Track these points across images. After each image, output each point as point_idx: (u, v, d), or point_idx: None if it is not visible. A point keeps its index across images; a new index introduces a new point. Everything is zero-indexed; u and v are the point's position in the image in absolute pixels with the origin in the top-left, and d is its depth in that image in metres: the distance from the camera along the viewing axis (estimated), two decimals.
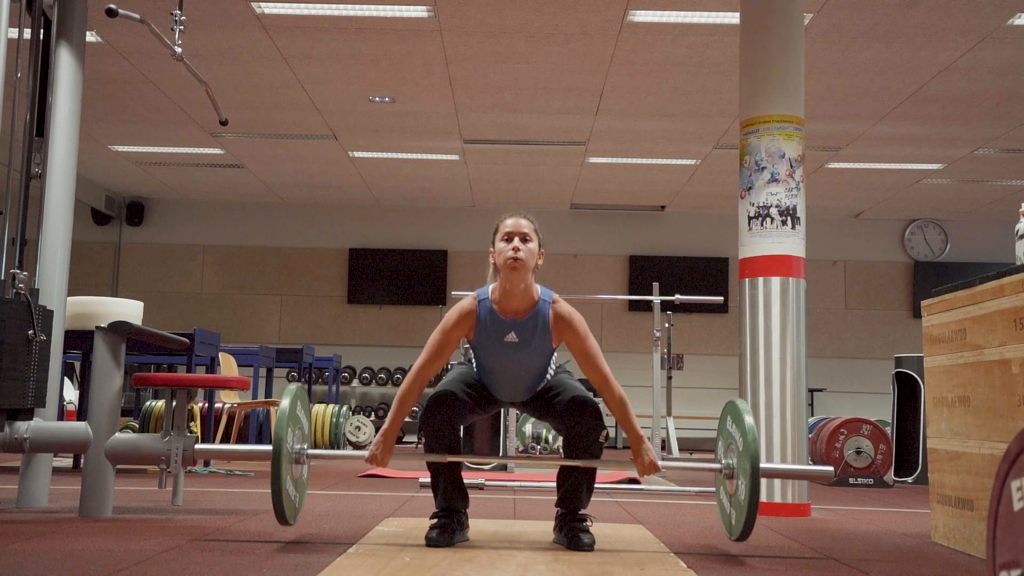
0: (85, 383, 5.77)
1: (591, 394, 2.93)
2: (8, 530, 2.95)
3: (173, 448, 3.44)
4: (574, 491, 2.90)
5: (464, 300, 2.91)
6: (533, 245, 2.85)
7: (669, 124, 8.19)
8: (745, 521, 2.77)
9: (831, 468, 3.07)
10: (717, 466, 2.98)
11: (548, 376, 3.00)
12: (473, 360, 3.01)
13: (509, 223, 2.87)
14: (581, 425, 2.86)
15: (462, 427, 2.92)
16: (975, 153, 8.76)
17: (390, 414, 2.89)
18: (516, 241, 2.82)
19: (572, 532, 2.84)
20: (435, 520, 2.87)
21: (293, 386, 2.89)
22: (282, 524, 2.84)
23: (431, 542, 2.78)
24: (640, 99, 7.57)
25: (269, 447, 2.79)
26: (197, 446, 3.17)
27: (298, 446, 2.88)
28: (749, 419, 2.80)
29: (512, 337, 2.85)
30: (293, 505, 2.88)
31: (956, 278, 9.03)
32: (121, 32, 6.31)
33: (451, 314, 2.88)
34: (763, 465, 2.81)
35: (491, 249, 2.90)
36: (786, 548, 3.05)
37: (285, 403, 2.81)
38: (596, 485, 2.98)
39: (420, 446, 8.99)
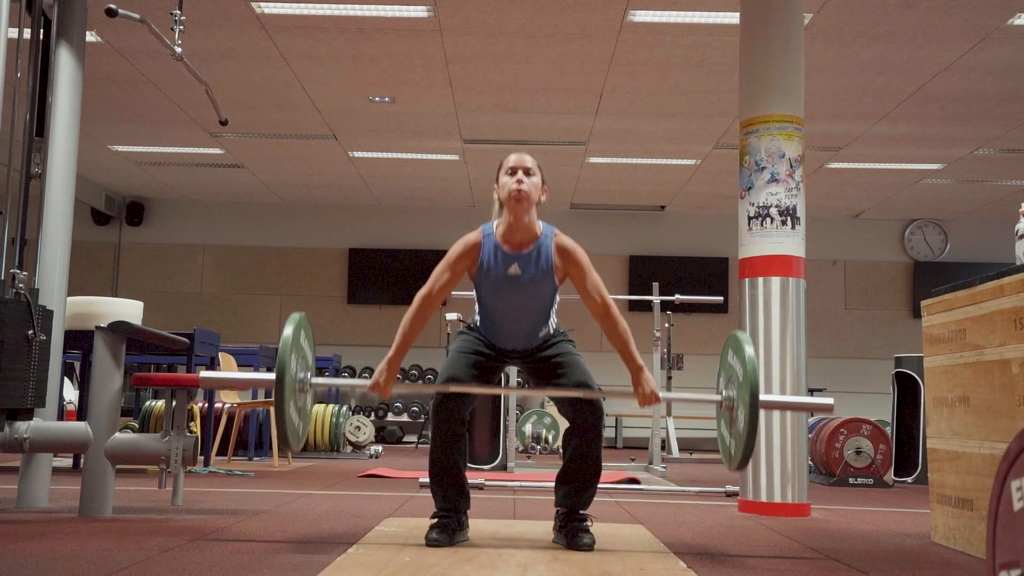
0: (85, 383, 5.77)
1: (592, 383, 2.93)
2: (8, 530, 2.95)
3: (173, 448, 3.45)
4: (577, 491, 2.89)
5: (470, 233, 2.97)
6: (536, 180, 2.92)
7: (669, 124, 8.19)
8: (744, 450, 2.79)
9: (831, 401, 3.06)
10: (717, 398, 3.01)
11: (551, 325, 2.99)
12: (476, 308, 3.02)
13: (513, 158, 2.95)
14: (584, 422, 2.87)
15: (469, 413, 2.93)
16: (975, 153, 8.76)
17: (393, 345, 2.92)
18: (520, 175, 2.88)
19: (572, 532, 2.84)
20: (435, 520, 2.86)
21: (297, 314, 2.89)
22: (286, 450, 2.85)
23: (431, 542, 2.78)
24: (640, 99, 7.57)
25: (272, 374, 2.78)
26: (203, 373, 3.07)
27: (301, 374, 2.89)
28: (749, 350, 2.82)
29: (515, 270, 2.89)
30: (297, 432, 2.88)
31: (956, 278, 9.03)
32: (121, 32, 6.31)
33: (456, 246, 2.95)
34: (763, 397, 2.83)
35: (495, 185, 2.97)
36: (786, 548, 3.05)
37: (288, 330, 2.80)
38: (598, 486, 2.98)
39: (419, 446, 8.93)
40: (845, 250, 11.60)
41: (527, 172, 2.90)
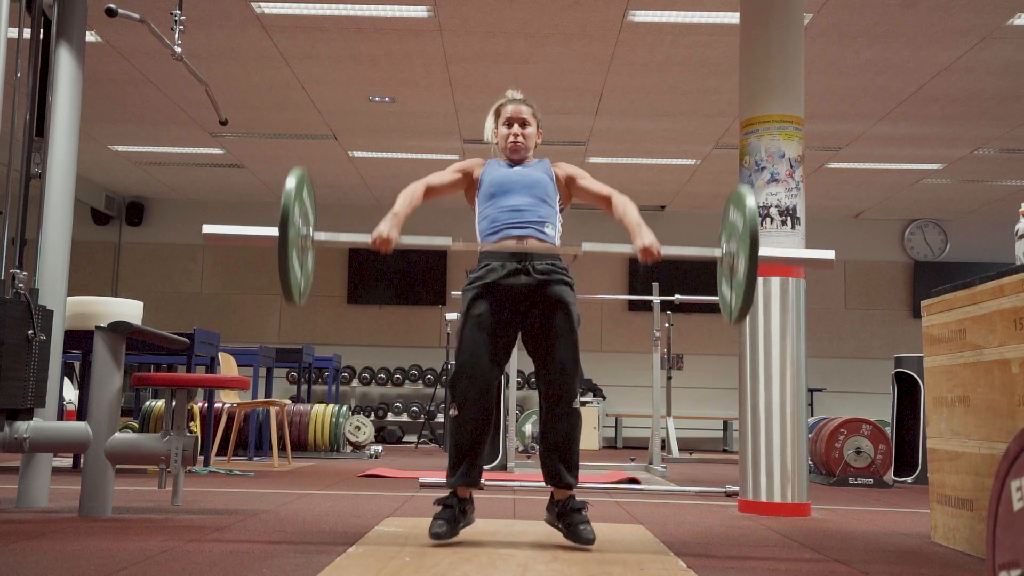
0: (85, 383, 5.77)
1: (577, 366, 2.92)
2: (8, 530, 2.95)
3: (173, 448, 3.45)
4: (555, 466, 2.89)
5: None
6: (531, 129, 3.09)
7: (669, 124, 8.19)
8: (744, 298, 2.85)
9: (831, 254, 3.10)
10: (718, 253, 3.10)
11: (556, 227, 2.99)
12: (478, 219, 3.04)
13: (509, 109, 3.09)
14: (558, 419, 2.89)
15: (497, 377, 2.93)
16: (975, 153, 8.76)
17: (395, 207, 2.99)
18: (516, 127, 3.06)
19: (573, 524, 2.84)
20: (441, 508, 2.87)
21: (299, 169, 2.94)
22: (289, 302, 2.89)
23: (435, 535, 2.78)
24: (640, 99, 7.57)
25: (275, 229, 2.81)
26: (207, 228, 3.04)
27: (304, 230, 2.94)
28: (751, 201, 2.90)
29: (517, 169, 3.06)
30: (299, 286, 2.92)
31: (956, 278, 9.02)
32: (121, 32, 6.31)
33: (463, 160, 3.14)
34: (763, 252, 2.87)
35: (494, 129, 3.12)
36: (786, 548, 3.05)
37: (291, 182, 2.83)
38: (597, 486, 2.98)
39: (419, 446, 8.91)
40: (845, 250, 11.59)
41: (523, 123, 3.07)
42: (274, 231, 2.82)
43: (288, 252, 2.78)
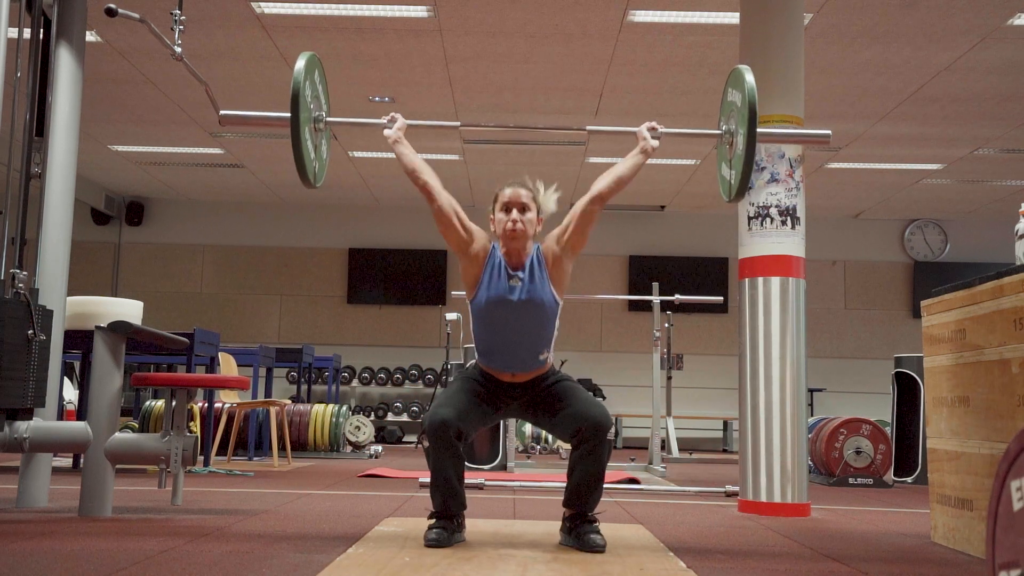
0: (85, 383, 5.77)
1: (602, 407, 2.88)
2: (8, 530, 2.95)
3: (173, 448, 3.45)
4: (585, 493, 2.86)
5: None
6: (531, 215, 2.97)
7: (669, 124, 8.11)
8: (742, 173, 2.91)
9: (828, 131, 3.19)
10: (718, 132, 3.13)
11: (551, 352, 2.96)
12: (474, 337, 2.98)
13: (508, 193, 2.96)
14: (592, 443, 2.81)
15: (469, 436, 2.87)
16: (975, 153, 8.76)
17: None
18: (515, 213, 2.92)
19: (583, 533, 2.82)
20: (433, 520, 2.86)
21: (307, 52, 2.95)
22: (305, 184, 2.95)
23: (430, 543, 2.78)
24: (640, 99, 7.57)
25: (288, 113, 2.86)
26: (223, 112, 3.17)
27: (316, 112, 2.99)
28: (749, 77, 2.92)
29: (516, 281, 2.93)
30: (313, 166, 2.98)
31: (956, 278, 9.03)
32: (121, 32, 6.31)
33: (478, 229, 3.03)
34: (760, 129, 2.92)
35: (491, 216, 3.00)
36: (786, 548, 3.05)
37: (301, 63, 2.88)
38: None
39: (419, 446, 8.97)
40: (845, 250, 11.60)
41: (522, 209, 2.94)
42: (287, 114, 2.90)
43: (300, 131, 2.85)
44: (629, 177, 3.12)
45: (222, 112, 3.11)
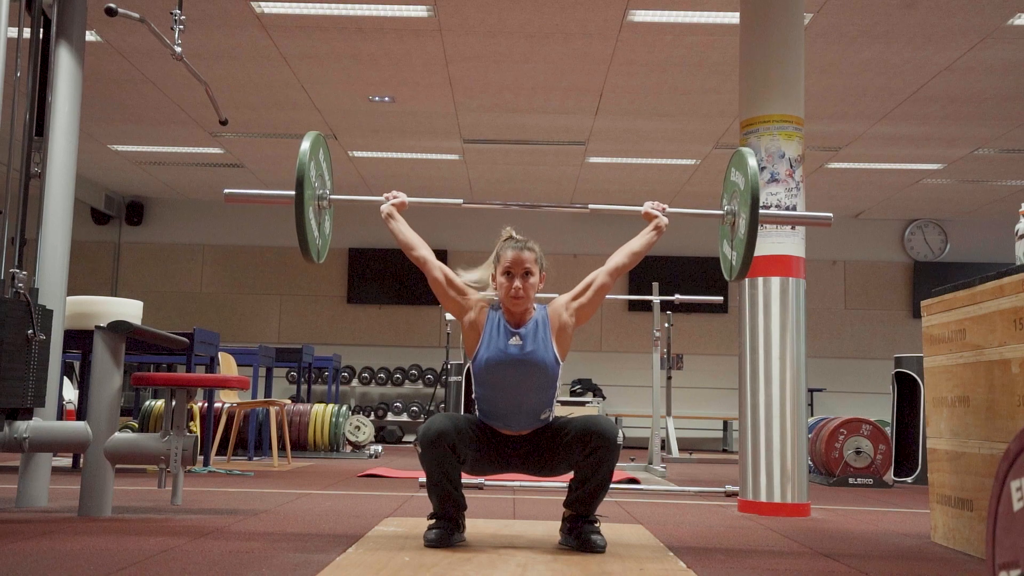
0: (84, 383, 5.77)
1: (606, 419, 2.85)
2: (7, 530, 2.94)
3: (172, 448, 3.45)
4: (589, 498, 2.84)
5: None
6: (534, 279, 2.92)
7: (669, 124, 8.19)
8: (743, 257, 2.96)
9: (829, 214, 3.23)
10: (720, 212, 3.17)
11: (553, 410, 2.96)
12: (476, 396, 2.95)
13: (510, 257, 2.90)
14: (603, 451, 2.78)
15: (463, 457, 2.83)
16: (975, 153, 8.76)
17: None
18: (518, 281, 2.88)
19: (584, 534, 2.82)
20: (433, 521, 2.86)
21: (313, 133, 3.03)
22: (307, 260, 3.02)
23: (430, 543, 2.77)
24: (640, 99, 7.56)
25: (292, 192, 2.92)
26: (228, 190, 3.19)
27: (320, 191, 3.06)
28: (752, 161, 2.96)
29: (516, 341, 2.89)
30: (316, 243, 3.04)
31: (956, 278, 9.04)
32: (121, 32, 6.31)
33: (475, 293, 3.01)
34: (763, 211, 2.99)
35: (493, 274, 2.97)
36: (786, 548, 3.05)
37: (306, 144, 2.95)
38: None
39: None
40: (845, 250, 11.60)
41: (525, 274, 2.89)
42: (291, 192, 2.95)
43: (304, 210, 2.90)
44: (643, 253, 3.18)
45: (226, 191, 3.19)
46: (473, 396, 2.98)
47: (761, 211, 2.97)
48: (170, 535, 2.89)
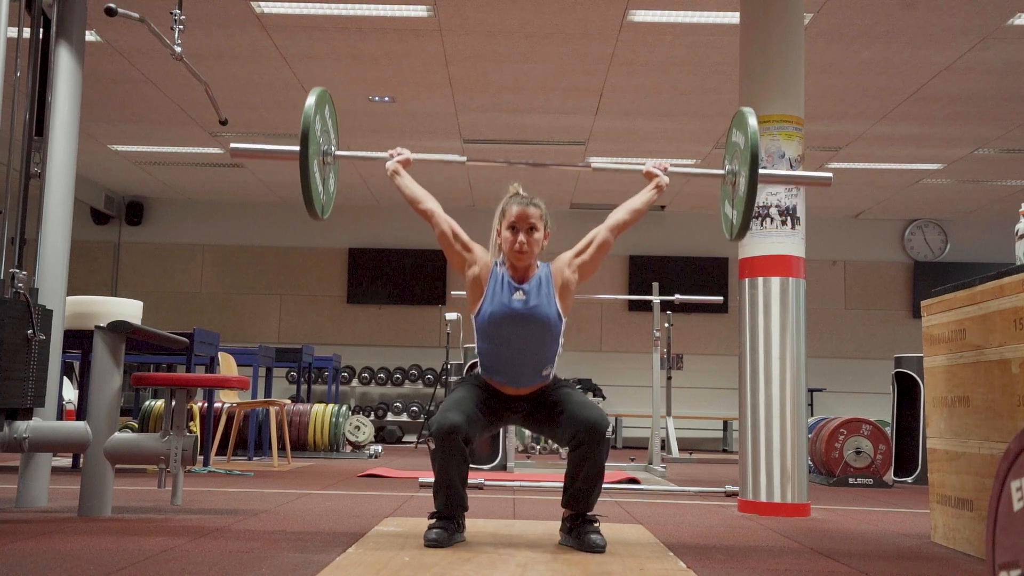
0: (84, 383, 5.77)
1: (598, 409, 2.88)
2: (7, 529, 2.94)
3: (172, 448, 3.44)
4: (584, 494, 2.86)
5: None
6: (539, 235, 2.95)
7: (669, 124, 8.19)
8: (744, 214, 2.99)
9: (830, 174, 3.29)
10: (721, 172, 3.19)
11: (555, 365, 2.96)
12: (478, 350, 2.97)
13: (515, 212, 2.93)
14: (590, 445, 2.81)
15: (474, 441, 2.86)
16: (975, 153, 8.76)
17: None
18: (522, 236, 2.90)
19: (583, 533, 2.82)
20: (434, 520, 2.86)
21: (318, 88, 3.03)
22: (312, 216, 3.01)
23: (430, 543, 2.77)
24: (640, 99, 7.56)
25: (297, 147, 2.92)
26: (235, 144, 3.17)
27: (325, 146, 3.05)
28: (753, 120, 2.99)
29: (520, 295, 2.92)
30: (321, 199, 3.04)
31: (956, 278, 9.05)
32: (121, 31, 6.31)
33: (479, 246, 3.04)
34: (763, 171, 3.00)
35: (497, 228, 2.98)
36: (786, 548, 3.05)
37: (311, 99, 2.95)
38: None
39: (419, 446, 8.91)
40: (845, 250, 11.60)
41: (530, 229, 2.91)
42: (296, 148, 2.96)
43: (309, 164, 2.90)
44: (644, 211, 3.19)
45: (232, 145, 3.19)
46: (475, 351, 3.00)
47: (761, 170, 2.98)
48: (170, 535, 2.89)
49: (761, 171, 2.98)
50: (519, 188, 3.04)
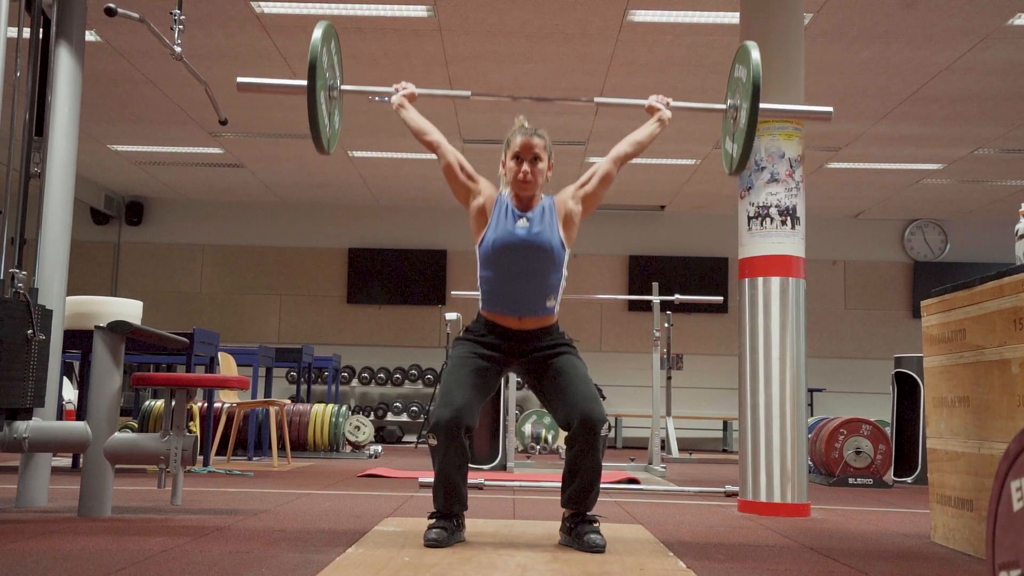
0: (84, 383, 5.77)
1: (596, 402, 2.87)
2: (7, 530, 2.94)
3: (172, 448, 3.44)
4: (582, 493, 2.86)
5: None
6: (543, 165, 2.98)
7: (669, 124, 8.16)
8: (743, 147, 3.01)
9: (830, 108, 3.31)
10: (722, 107, 3.20)
11: (557, 302, 2.95)
12: (480, 281, 2.96)
13: (519, 142, 2.96)
14: (584, 442, 2.82)
15: (475, 423, 2.86)
16: (975, 153, 8.76)
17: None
18: (526, 165, 2.94)
19: (583, 533, 2.82)
20: (433, 520, 2.86)
21: (324, 22, 3.06)
22: (319, 149, 3.02)
23: (430, 543, 2.77)
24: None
25: (304, 80, 2.93)
26: (241, 79, 3.21)
27: (331, 81, 3.07)
28: (755, 54, 2.97)
29: (523, 222, 2.93)
30: (326, 133, 3.05)
31: (956, 278, 9.05)
32: (120, 31, 6.31)
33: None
34: (763, 105, 3.01)
35: (502, 159, 3.02)
36: (786, 548, 3.05)
37: (318, 32, 2.98)
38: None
39: (418, 446, 8.90)
40: (845, 250, 11.60)
41: (534, 159, 2.94)
42: (303, 82, 2.96)
43: (316, 97, 2.90)
44: (647, 143, 3.17)
45: (239, 79, 3.20)
46: (478, 283, 3.00)
47: (762, 105, 2.99)
48: (170, 535, 2.89)
49: (762, 107, 2.99)
50: (524, 121, 3.06)
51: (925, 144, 8.57)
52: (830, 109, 3.30)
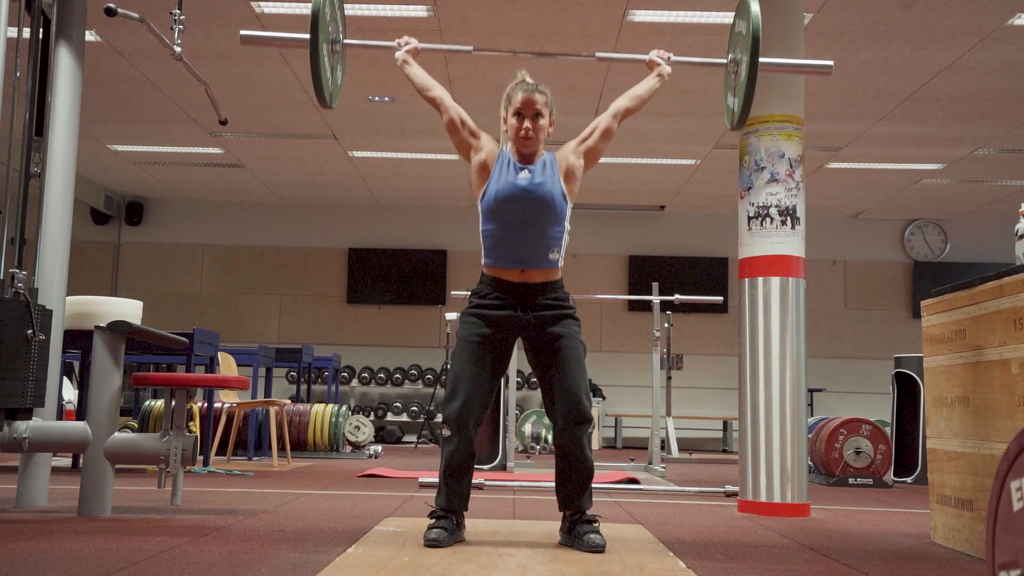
0: (84, 383, 5.77)
1: (585, 399, 2.88)
2: (7, 529, 2.94)
3: (172, 448, 3.44)
4: (575, 493, 2.87)
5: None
6: (544, 121, 3.01)
7: (669, 124, 8.18)
8: (744, 100, 3.01)
9: (830, 62, 3.30)
10: (723, 61, 3.23)
11: (560, 249, 2.93)
12: (482, 237, 2.95)
13: (520, 98, 2.99)
14: (568, 440, 2.84)
15: (486, 412, 2.88)
16: (975, 153, 8.76)
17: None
18: (527, 122, 2.96)
19: (582, 533, 2.82)
20: (434, 520, 2.86)
21: None
22: (321, 102, 3.00)
23: (430, 543, 2.77)
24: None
25: (307, 34, 2.90)
26: (244, 32, 3.17)
27: (334, 35, 3.05)
28: (755, 7, 2.98)
29: (525, 175, 2.94)
30: (329, 87, 3.04)
31: (956, 278, 9.05)
32: (120, 31, 6.31)
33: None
34: (763, 59, 3.02)
35: (503, 115, 3.03)
36: (785, 548, 3.05)
37: None
38: (596, 485, 2.97)
39: (418, 446, 8.92)
40: (845, 250, 11.60)
41: (536, 115, 2.97)
42: (306, 36, 2.93)
43: (319, 48, 2.88)
44: (647, 98, 3.20)
45: (242, 32, 3.17)
46: (480, 239, 2.99)
47: (762, 59, 3.00)
48: (170, 535, 2.89)
49: (762, 60, 3.00)
50: (526, 75, 3.07)
51: (925, 144, 8.57)
52: (831, 63, 3.30)
